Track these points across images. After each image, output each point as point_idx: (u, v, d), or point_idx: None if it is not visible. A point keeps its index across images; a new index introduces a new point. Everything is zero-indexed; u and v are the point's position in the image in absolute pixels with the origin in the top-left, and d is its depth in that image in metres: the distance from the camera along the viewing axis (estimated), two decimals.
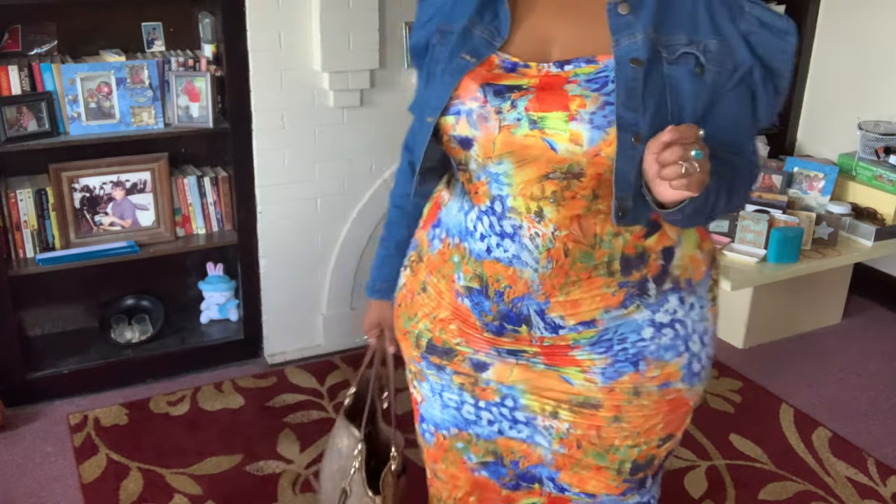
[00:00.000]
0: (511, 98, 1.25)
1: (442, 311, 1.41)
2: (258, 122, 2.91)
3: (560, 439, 1.43)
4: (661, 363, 1.35)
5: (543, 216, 1.26)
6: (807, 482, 2.62)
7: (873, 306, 3.80)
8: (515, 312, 1.32)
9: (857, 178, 3.57)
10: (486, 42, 1.29)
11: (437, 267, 1.41)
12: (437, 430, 1.53)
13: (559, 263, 1.28)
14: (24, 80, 2.66)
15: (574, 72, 1.24)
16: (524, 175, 1.25)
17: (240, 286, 3.14)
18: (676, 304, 1.34)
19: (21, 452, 2.64)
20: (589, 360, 1.35)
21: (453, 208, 1.38)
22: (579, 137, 1.20)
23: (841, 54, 3.86)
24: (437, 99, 1.30)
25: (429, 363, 1.47)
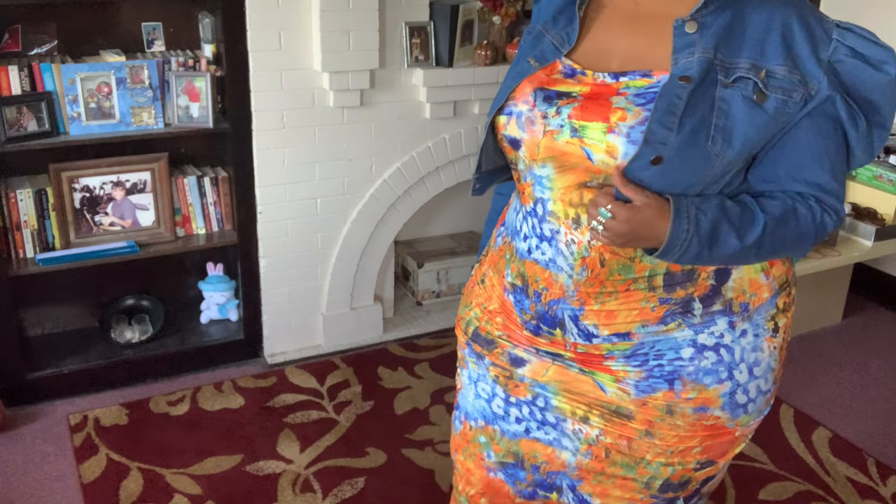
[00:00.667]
0: (558, 104, 1.26)
1: (492, 303, 1.45)
2: (258, 122, 2.91)
3: (588, 445, 1.40)
4: (698, 386, 1.31)
5: (581, 224, 1.27)
6: (807, 482, 2.62)
7: (873, 306, 3.80)
8: (551, 315, 1.34)
9: (857, 178, 3.58)
10: (553, 48, 1.32)
11: (494, 262, 1.45)
12: (466, 420, 1.54)
13: (594, 272, 1.27)
14: (24, 80, 2.66)
15: (626, 83, 1.23)
16: (564, 181, 1.27)
17: (240, 286, 3.14)
18: (725, 328, 1.30)
19: (21, 452, 2.64)
20: (623, 371, 1.33)
21: (513, 208, 1.41)
22: (615, 150, 1.20)
23: None
24: (498, 98, 1.34)
25: (471, 350, 1.50)
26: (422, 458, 2.65)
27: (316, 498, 2.48)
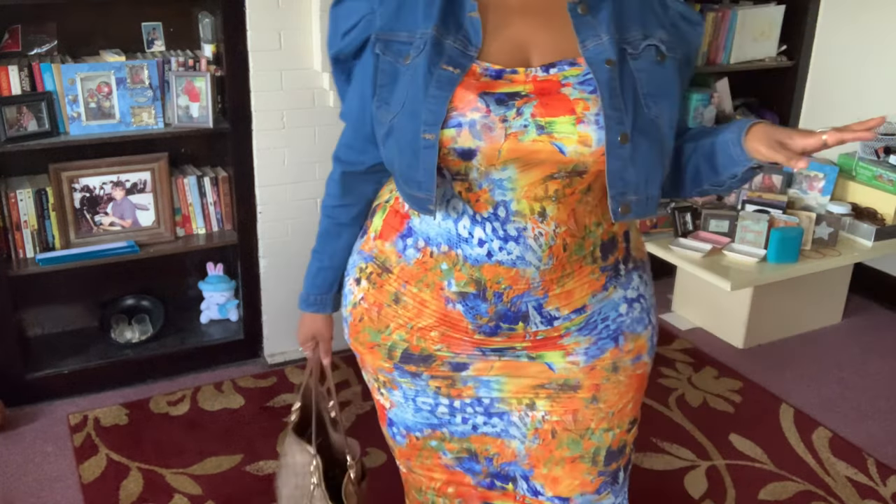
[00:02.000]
0: (515, 105, 1.25)
1: (422, 320, 1.42)
2: (258, 122, 2.91)
3: (535, 429, 1.47)
4: (634, 335, 1.45)
5: (546, 215, 1.31)
6: (807, 482, 2.62)
7: (873, 306, 3.80)
8: (513, 311, 1.37)
9: (857, 178, 3.57)
10: (459, 52, 1.27)
11: (416, 276, 1.40)
12: (410, 433, 1.55)
13: (559, 258, 1.34)
14: (24, 80, 2.66)
15: (563, 75, 1.27)
16: (528, 178, 1.28)
17: (240, 286, 3.14)
18: (638, 281, 1.47)
19: (21, 452, 2.64)
20: (574, 343, 1.42)
21: (436, 217, 1.35)
22: (588, 139, 1.25)
23: (841, 54, 3.86)
24: (432, 114, 1.25)
25: (402, 372, 1.48)
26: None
27: None
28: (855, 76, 3.81)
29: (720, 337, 3.49)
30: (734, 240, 3.30)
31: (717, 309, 3.49)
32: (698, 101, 3.73)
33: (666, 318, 3.64)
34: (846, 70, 3.85)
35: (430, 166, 1.26)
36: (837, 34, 3.86)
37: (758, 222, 3.25)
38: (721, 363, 3.29)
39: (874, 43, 3.71)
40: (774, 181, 3.54)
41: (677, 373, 3.21)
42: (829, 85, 3.94)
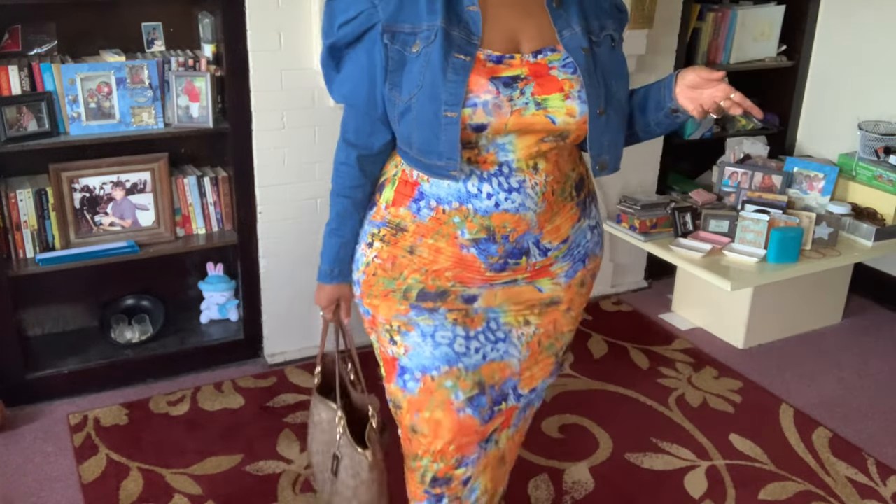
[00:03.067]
0: (518, 87, 1.54)
1: (438, 264, 1.66)
2: (258, 122, 2.91)
3: (527, 343, 1.79)
4: (594, 257, 1.81)
5: (538, 168, 1.61)
6: (807, 482, 2.62)
7: (873, 306, 3.80)
8: (518, 248, 1.66)
9: (857, 178, 3.57)
10: (465, 41, 1.53)
11: (432, 230, 1.64)
12: (425, 373, 1.71)
13: (549, 202, 1.64)
14: (24, 80, 2.66)
15: (548, 59, 1.57)
16: (525, 141, 1.58)
17: (240, 286, 3.14)
18: (594, 210, 1.80)
19: (21, 452, 2.64)
20: (559, 269, 1.74)
21: (443, 180, 1.60)
22: (573, 111, 1.56)
23: (841, 54, 3.86)
24: (452, 95, 1.50)
25: (419, 310, 1.70)
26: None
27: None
28: (855, 76, 3.81)
29: (720, 337, 3.49)
30: (734, 240, 3.30)
31: (717, 309, 3.49)
32: None
33: (666, 318, 3.64)
34: (846, 70, 3.85)
35: (453, 139, 1.52)
36: (837, 34, 3.86)
37: (758, 222, 3.25)
38: (721, 363, 3.29)
39: (874, 43, 3.71)
40: (774, 181, 3.54)
41: (677, 373, 3.21)
42: (829, 85, 3.94)
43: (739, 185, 3.56)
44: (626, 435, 2.81)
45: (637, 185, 3.74)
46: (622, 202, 3.55)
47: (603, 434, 2.82)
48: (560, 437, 2.80)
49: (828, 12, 3.89)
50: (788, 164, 3.62)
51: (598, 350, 3.35)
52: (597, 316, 3.63)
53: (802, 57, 3.97)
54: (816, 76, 3.99)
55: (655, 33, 3.46)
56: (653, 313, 3.69)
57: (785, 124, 4.07)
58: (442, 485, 1.80)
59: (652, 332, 3.52)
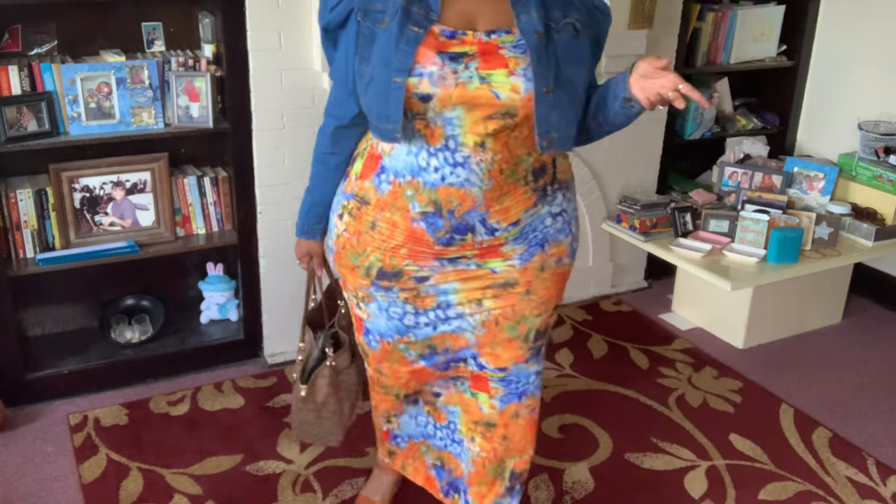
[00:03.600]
0: (464, 61, 1.65)
1: (394, 239, 1.82)
2: (258, 122, 2.91)
3: (482, 322, 1.90)
4: (557, 243, 1.88)
5: (485, 147, 1.70)
6: (807, 482, 2.62)
7: (873, 306, 3.80)
8: (464, 224, 1.77)
9: (857, 178, 3.58)
10: (423, 16, 1.66)
11: (389, 203, 1.79)
12: (383, 338, 1.97)
13: (496, 181, 1.74)
14: (24, 80, 2.66)
15: (501, 40, 1.67)
16: (472, 117, 1.68)
17: (240, 286, 3.14)
18: (562, 199, 1.88)
19: (21, 452, 2.64)
20: (511, 251, 1.84)
21: (401, 154, 1.75)
22: (518, 87, 1.65)
23: (841, 54, 3.86)
24: (401, 63, 1.64)
25: (377, 287, 1.89)
26: None
27: (316, 498, 2.48)
28: (855, 76, 3.81)
29: (720, 337, 3.49)
30: (734, 240, 3.30)
31: (717, 309, 3.49)
32: None
33: (666, 318, 3.64)
34: (846, 70, 3.85)
35: (398, 102, 1.65)
36: (837, 34, 3.86)
37: (758, 222, 3.26)
38: (721, 363, 3.29)
39: (874, 43, 3.71)
40: (774, 181, 3.55)
41: (677, 373, 3.21)
42: (829, 85, 3.94)
43: (739, 185, 3.56)
44: (626, 435, 2.81)
45: (637, 185, 3.74)
46: (622, 202, 3.56)
47: (603, 434, 2.82)
48: (560, 437, 2.80)
49: (828, 12, 3.89)
50: (788, 164, 3.62)
51: (598, 350, 3.35)
52: (597, 316, 3.63)
53: (802, 57, 3.97)
54: (816, 76, 3.99)
55: (655, 33, 3.46)
56: (653, 313, 3.69)
57: (785, 124, 4.07)
58: (415, 394, 2.13)
59: (652, 332, 3.52)
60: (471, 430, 2.08)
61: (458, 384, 2.06)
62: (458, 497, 2.20)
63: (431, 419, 2.18)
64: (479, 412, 2.05)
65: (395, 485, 2.44)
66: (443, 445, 2.18)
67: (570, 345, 3.38)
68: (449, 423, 2.14)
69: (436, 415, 2.17)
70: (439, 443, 2.19)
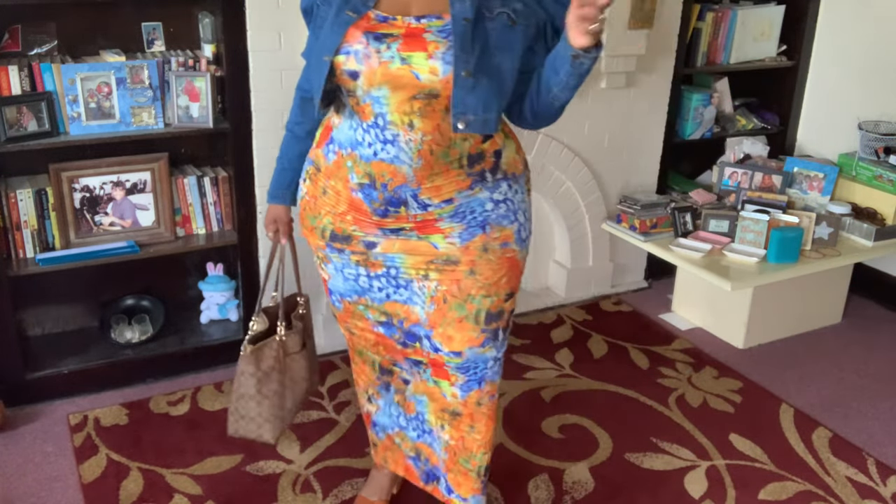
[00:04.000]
0: (387, 42, 1.76)
1: (340, 206, 1.94)
2: (258, 122, 2.91)
3: (431, 297, 1.97)
4: (500, 227, 1.94)
5: (414, 126, 1.78)
6: (807, 482, 2.62)
7: (873, 306, 3.80)
8: (396, 197, 1.86)
9: (857, 178, 3.58)
10: (361, 2, 1.79)
11: (333, 173, 1.92)
12: (343, 298, 2.08)
13: (426, 160, 1.82)
14: (24, 80, 2.66)
15: (428, 24, 1.76)
16: (398, 97, 1.76)
17: (240, 286, 3.14)
18: (506, 189, 1.94)
19: (21, 452, 2.64)
20: (449, 228, 1.91)
21: (344, 128, 1.87)
22: (436, 69, 1.74)
23: (841, 54, 3.86)
24: (331, 43, 1.78)
25: (332, 248, 2.00)
26: None
27: (316, 498, 2.48)
28: (855, 76, 3.81)
29: (720, 337, 3.49)
30: (734, 240, 3.31)
31: (717, 309, 3.49)
32: (698, 101, 3.74)
33: (666, 318, 3.64)
34: (846, 70, 3.85)
35: (320, 78, 1.80)
36: (837, 34, 3.86)
37: (757, 222, 3.26)
38: (721, 363, 3.29)
39: (874, 42, 3.71)
40: (774, 181, 3.55)
41: (677, 373, 3.21)
42: (829, 85, 3.94)
43: (739, 185, 3.56)
44: (626, 435, 2.81)
45: (637, 185, 3.74)
46: (622, 202, 3.56)
47: (603, 434, 2.82)
48: (560, 437, 2.80)
49: (828, 12, 3.89)
50: (788, 164, 3.62)
51: (598, 350, 3.35)
52: (597, 316, 3.63)
53: (802, 57, 3.97)
54: (816, 76, 3.99)
55: (655, 33, 3.46)
56: (653, 313, 3.69)
57: (785, 124, 4.07)
58: (387, 373, 2.20)
59: (652, 332, 3.52)
60: (439, 419, 2.16)
61: (421, 372, 2.13)
62: (437, 484, 2.27)
63: (402, 410, 2.25)
64: (444, 400, 2.12)
65: (393, 485, 2.44)
66: (416, 436, 2.26)
67: (570, 345, 3.38)
68: (417, 415, 2.22)
69: (405, 405, 2.23)
70: (412, 433, 2.26)
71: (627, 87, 3.54)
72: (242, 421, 2.26)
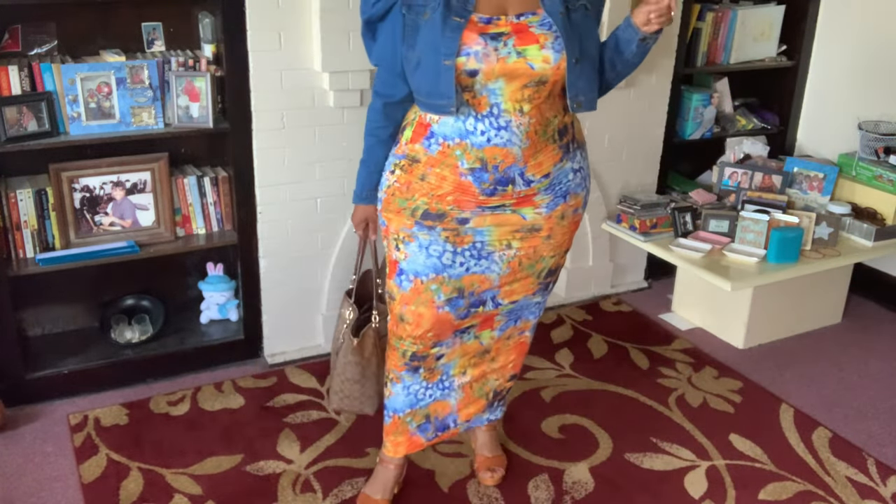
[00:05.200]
0: (502, 40, 1.94)
1: (443, 188, 2.07)
2: (258, 122, 2.91)
3: (508, 262, 2.17)
4: (576, 195, 2.18)
5: (524, 111, 1.99)
6: (807, 482, 2.62)
7: (873, 306, 3.80)
8: (506, 177, 2.04)
9: (857, 178, 3.58)
10: (462, 8, 1.94)
11: (439, 161, 2.05)
12: (416, 277, 2.16)
13: (532, 140, 2.02)
14: (24, 80, 2.66)
15: (528, 21, 1.97)
16: (512, 87, 1.96)
17: (240, 286, 3.14)
18: (580, 158, 2.18)
19: (21, 452, 2.64)
20: (542, 200, 2.12)
21: (449, 121, 2.01)
22: (548, 59, 1.95)
23: (841, 54, 3.86)
24: (449, 48, 1.92)
25: (421, 226, 2.12)
26: (422, 459, 2.65)
27: (316, 498, 2.48)
28: (855, 76, 3.81)
29: (720, 337, 3.49)
30: (734, 240, 3.31)
31: (717, 309, 3.49)
32: (698, 101, 3.74)
33: (666, 318, 3.64)
34: (846, 70, 3.85)
35: (449, 81, 1.94)
36: (837, 34, 3.86)
37: (757, 222, 3.26)
38: (721, 363, 3.29)
39: (874, 43, 3.71)
40: (774, 181, 3.55)
41: (677, 373, 3.21)
42: (829, 85, 3.94)
43: (739, 185, 3.56)
44: (626, 435, 2.81)
45: (637, 185, 3.74)
46: (622, 202, 3.56)
47: (603, 434, 2.82)
48: (560, 437, 2.80)
49: (828, 12, 3.89)
50: (788, 164, 3.62)
51: (598, 350, 3.35)
52: (597, 316, 3.63)
53: (802, 57, 3.97)
54: (816, 76, 3.99)
55: None
56: (653, 313, 3.69)
57: (785, 124, 4.07)
58: (419, 360, 2.27)
59: (652, 332, 3.52)
60: (463, 366, 2.33)
61: (463, 336, 2.28)
62: (446, 430, 2.43)
63: (424, 382, 2.33)
64: (479, 346, 2.32)
65: (397, 483, 2.44)
66: (430, 400, 2.36)
67: (570, 345, 3.38)
68: (440, 379, 2.34)
69: (429, 376, 2.32)
70: (427, 401, 2.35)
71: (627, 87, 3.54)
72: (347, 399, 2.50)
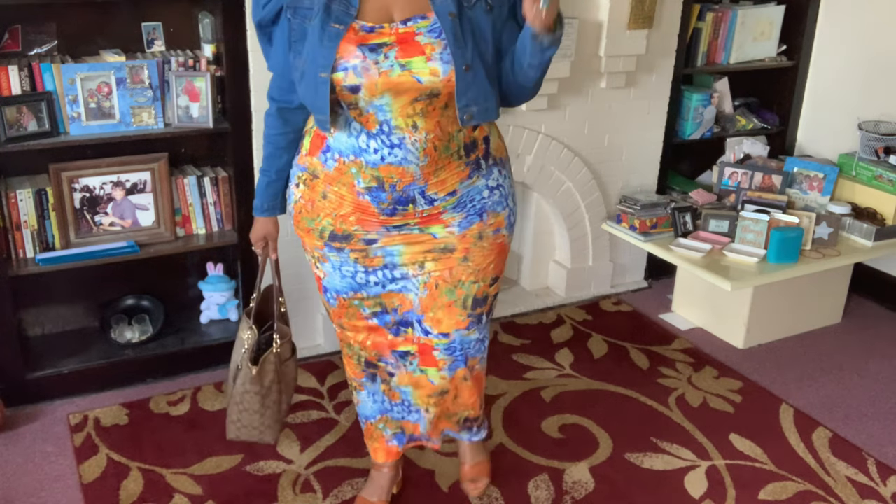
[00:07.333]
0: (383, 52, 1.79)
1: (343, 209, 1.98)
2: (258, 123, 2.91)
3: (424, 283, 2.06)
4: (495, 213, 2.05)
5: (418, 127, 1.86)
6: (807, 482, 2.62)
7: (873, 306, 3.80)
8: (405, 196, 1.94)
9: (857, 178, 3.58)
10: (343, 13, 1.80)
11: (336, 179, 1.96)
12: (339, 295, 2.13)
13: (431, 157, 1.89)
14: (24, 80, 2.66)
15: (417, 26, 1.80)
16: (400, 102, 1.82)
17: (240, 286, 3.14)
18: (497, 175, 2.04)
19: (21, 452, 2.64)
20: (451, 218, 2.00)
21: (342, 137, 1.90)
22: (436, 71, 1.80)
23: (841, 54, 3.86)
24: (325, 59, 1.79)
25: (330, 248, 2.05)
26: (422, 458, 2.65)
27: (316, 498, 2.48)
28: (855, 76, 3.81)
29: (720, 337, 3.49)
30: (734, 240, 3.31)
31: (717, 309, 3.49)
32: (698, 101, 3.74)
33: (666, 318, 3.64)
34: (846, 70, 3.85)
35: (324, 96, 1.81)
36: (837, 34, 3.86)
37: (757, 222, 3.26)
38: (721, 363, 3.29)
39: (874, 43, 3.71)
40: (774, 181, 3.55)
41: (677, 373, 3.21)
42: (829, 85, 3.94)
43: (739, 185, 3.56)
44: (626, 435, 2.81)
45: (637, 185, 3.74)
46: (622, 202, 3.56)
47: (603, 434, 2.82)
48: (560, 437, 2.80)
49: (828, 12, 3.89)
50: (788, 164, 3.62)
51: (598, 350, 3.35)
52: (597, 316, 3.63)
53: (802, 57, 3.97)
54: (816, 76, 3.99)
55: (655, 33, 3.46)
56: (653, 313, 3.69)
57: (785, 124, 4.07)
58: (373, 367, 2.25)
59: (652, 332, 3.52)
60: (425, 403, 2.26)
61: (407, 364, 2.21)
62: (420, 441, 2.39)
63: (387, 398, 2.31)
64: (431, 386, 2.21)
65: (393, 484, 2.44)
66: (400, 417, 2.33)
67: (570, 345, 3.38)
68: (403, 401, 2.29)
69: (390, 394, 2.30)
70: (396, 415, 2.33)
71: (627, 87, 3.54)
72: (245, 429, 2.36)
